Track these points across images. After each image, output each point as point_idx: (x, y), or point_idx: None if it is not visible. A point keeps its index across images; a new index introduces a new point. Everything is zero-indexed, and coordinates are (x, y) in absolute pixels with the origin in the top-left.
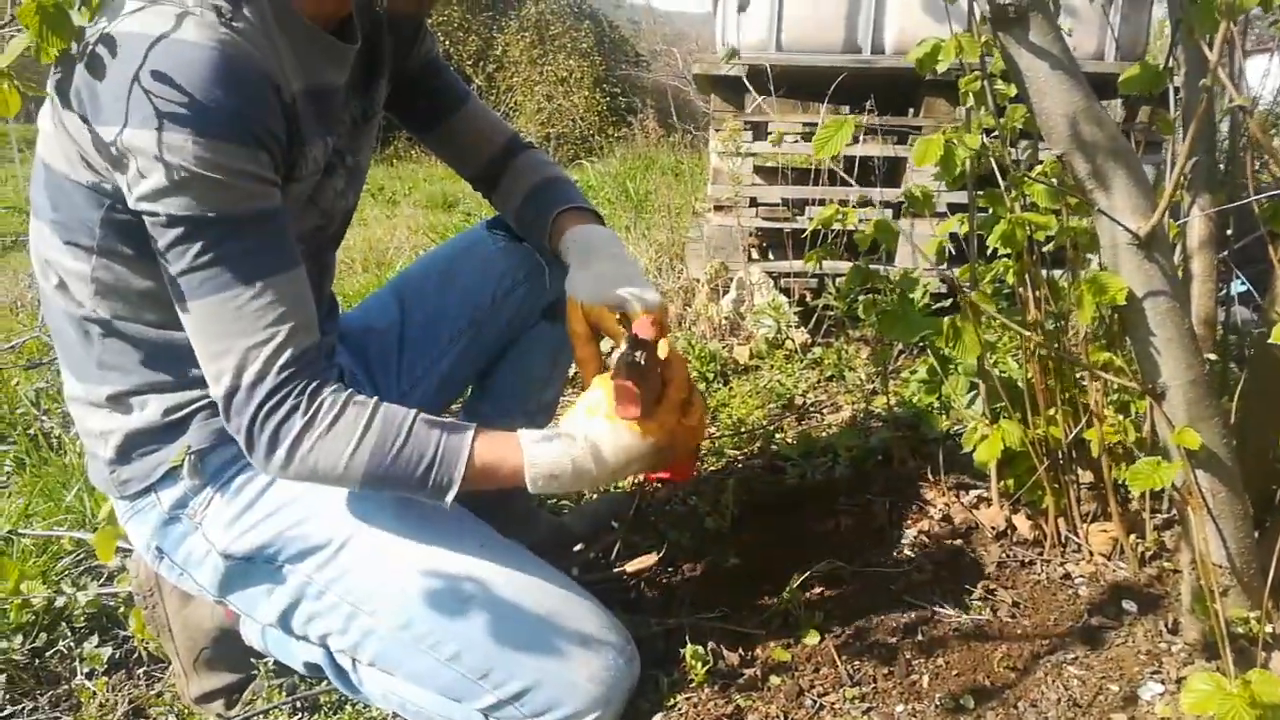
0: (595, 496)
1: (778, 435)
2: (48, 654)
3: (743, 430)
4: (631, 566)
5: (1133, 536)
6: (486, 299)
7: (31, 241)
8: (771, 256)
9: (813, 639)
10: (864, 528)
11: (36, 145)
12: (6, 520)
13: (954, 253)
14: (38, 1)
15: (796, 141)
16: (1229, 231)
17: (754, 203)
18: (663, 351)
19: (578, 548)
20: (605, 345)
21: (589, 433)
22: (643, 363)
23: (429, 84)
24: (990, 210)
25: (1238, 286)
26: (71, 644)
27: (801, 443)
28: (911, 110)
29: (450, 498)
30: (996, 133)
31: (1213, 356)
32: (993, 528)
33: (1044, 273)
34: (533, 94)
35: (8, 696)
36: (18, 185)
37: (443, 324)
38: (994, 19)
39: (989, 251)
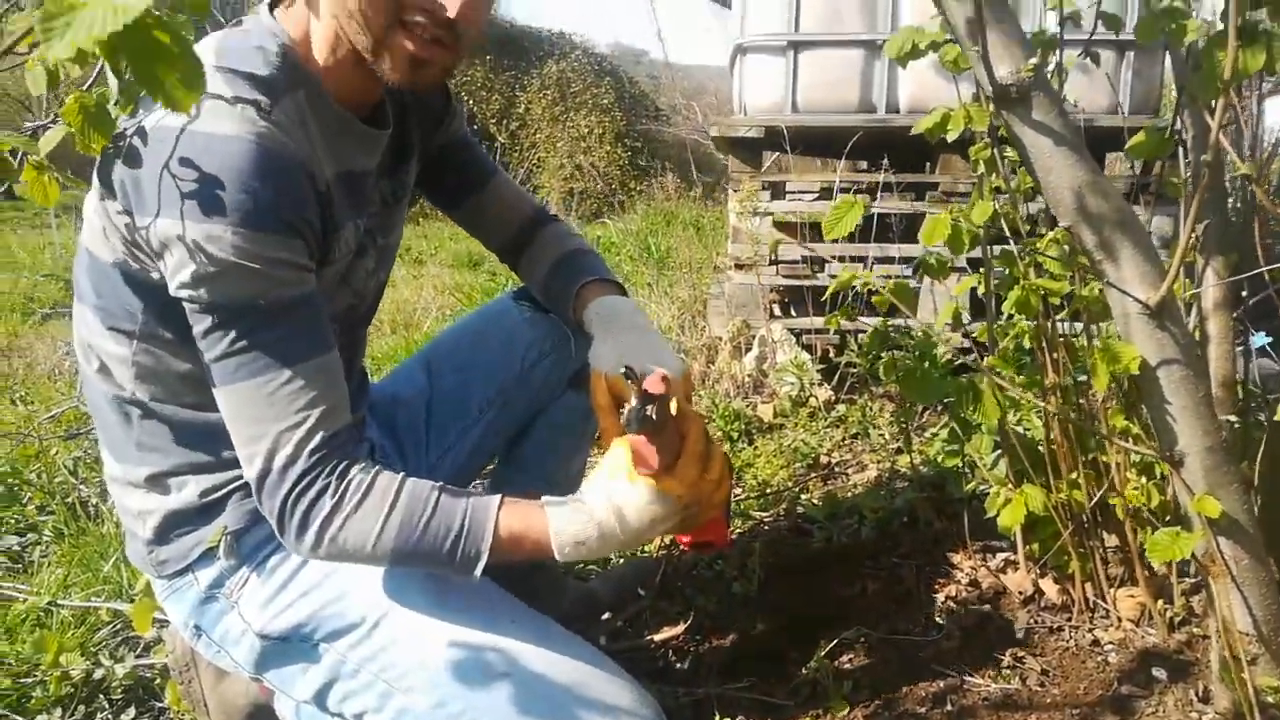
0: (622, 561)
1: (803, 496)
2: None
3: (768, 491)
4: (660, 635)
5: (1160, 602)
6: (514, 369)
7: (75, 325)
8: (793, 313)
9: (842, 710)
10: (891, 592)
11: (81, 232)
12: (46, 591)
13: (975, 305)
14: (80, 101)
15: (816, 198)
16: (1243, 292)
17: (774, 260)
18: (674, 407)
19: (605, 616)
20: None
21: (611, 495)
22: (655, 417)
23: (457, 162)
24: (1007, 270)
25: (1258, 340)
26: (109, 716)
27: (827, 504)
28: (929, 165)
29: (478, 570)
30: (1007, 195)
31: (1233, 418)
32: (1020, 593)
33: (1061, 333)
34: (555, 150)
35: None
36: (55, 252)
37: (471, 395)
38: (997, 98)
39: (1007, 316)
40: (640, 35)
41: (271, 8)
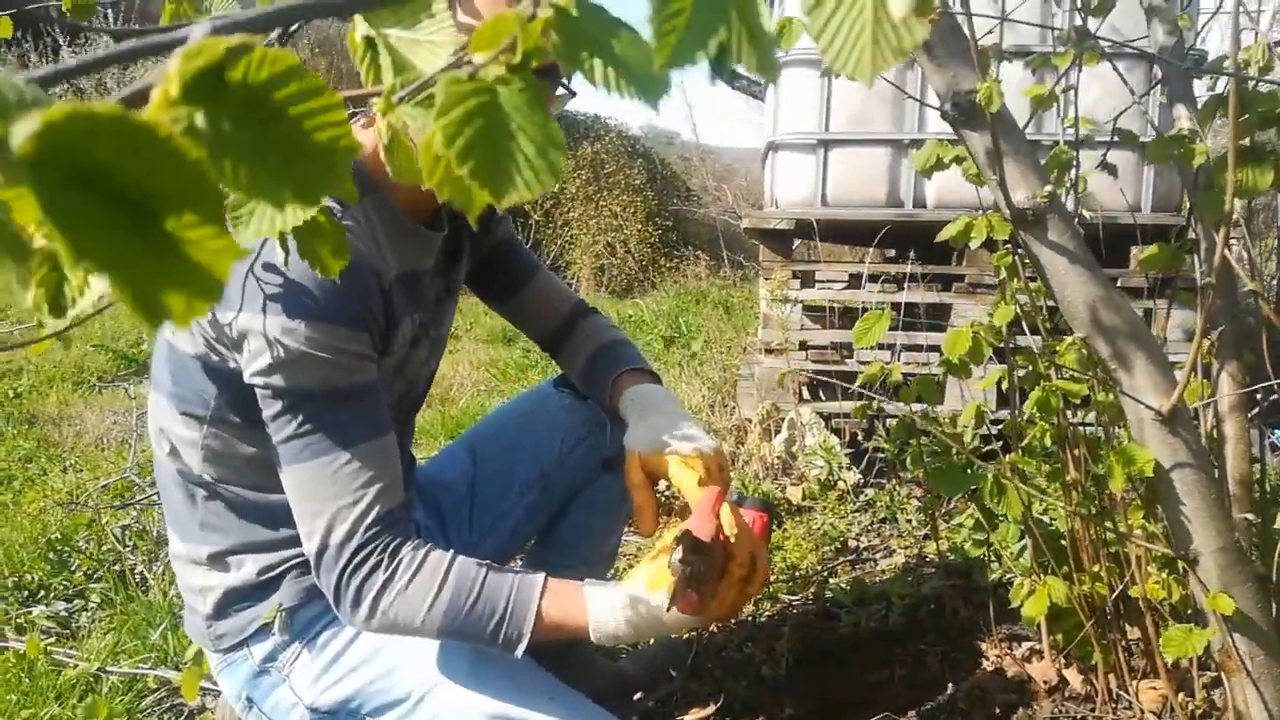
0: (653, 642)
1: (831, 580)
2: None
3: (797, 575)
4: (689, 716)
5: (1182, 695)
6: (554, 453)
7: (150, 412)
8: (823, 396)
9: None
10: (917, 678)
11: (163, 329)
12: (96, 657)
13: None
14: None
15: (844, 286)
16: (1258, 395)
17: (804, 345)
18: (728, 529)
19: (637, 696)
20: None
21: (651, 604)
22: (701, 570)
23: (503, 262)
24: (1029, 367)
25: (1278, 438)
26: None
27: (855, 589)
28: (955, 256)
29: (520, 650)
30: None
31: (1250, 516)
32: (1045, 682)
33: (1083, 430)
34: (588, 228)
35: None
36: (103, 322)
37: (514, 477)
38: (1015, 221)
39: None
40: (672, 118)
41: None
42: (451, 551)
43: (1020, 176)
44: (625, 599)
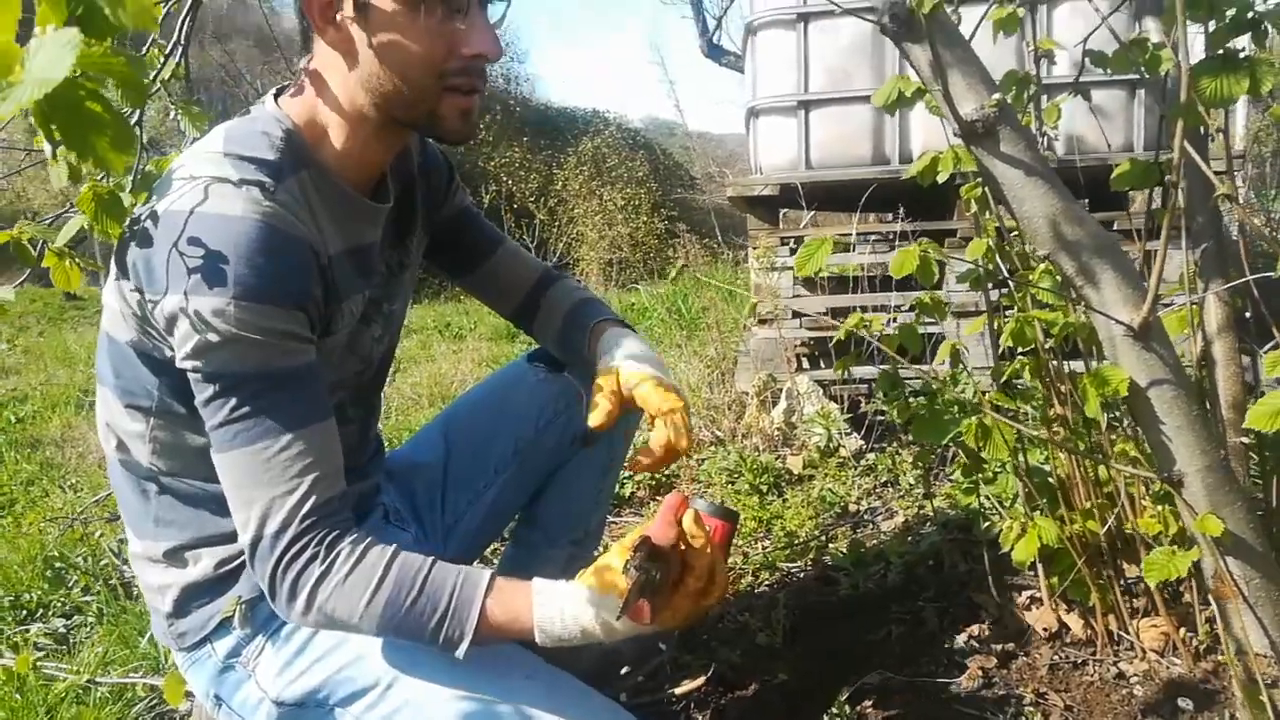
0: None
1: (831, 545)
2: None
3: (795, 543)
4: (680, 689)
5: (1184, 630)
6: (529, 429)
7: (97, 408)
8: (822, 365)
9: None
10: (915, 635)
11: (102, 319)
12: (86, 669)
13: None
14: (94, 190)
15: (834, 251)
16: (1247, 314)
17: (797, 314)
18: (690, 537)
19: (624, 670)
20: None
21: (601, 609)
22: (657, 577)
23: (463, 234)
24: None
25: None
26: None
27: (854, 551)
28: (953, 216)
29: (461, 651)
30: (1015, 232)
31: (1246, 440)
32: (1044, 629)
33: (1065, 366)
34: (593, 223)
35: None
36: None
37: (489, 456)
38: (964, 135)
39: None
40: (674, 108)
41: (276, 96)
42: (395, 546)
43: (967, 88)
44: (574, 602)
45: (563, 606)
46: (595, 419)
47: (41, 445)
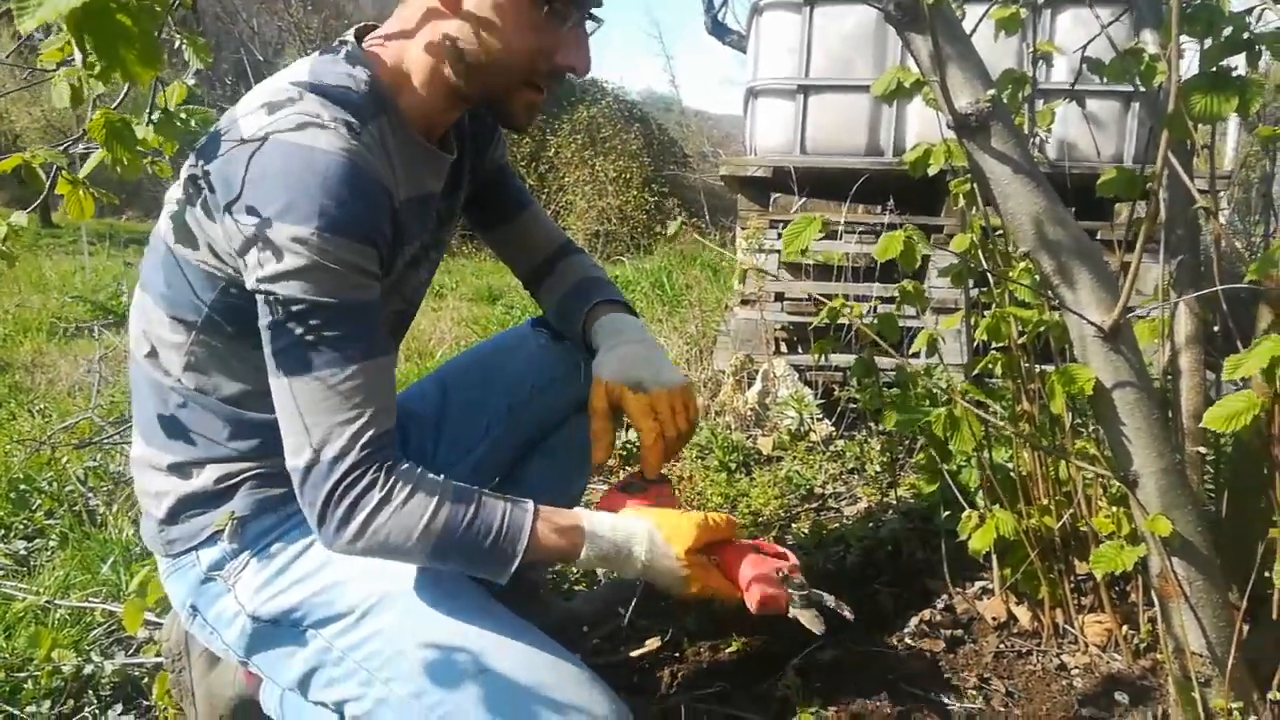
0: (604, 583)
1: (794, 525)
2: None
3: (759, 521)
4: (637, 651)
5: (1126, 628)
6: (525, 391)
7: (133, 314)
8: (800, 350)
9: None
10: (869, 616)
11: (158, 223)
12: (45, 591)
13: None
14: (106, 118)
15: (822, 238)
16: (1215, 328)
17: (780, 297)
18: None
19: (585, 629)
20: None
21: (653, 524)
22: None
23: (498, 189)
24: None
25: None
26: (96, 711)
27: (815, 533)
28: (943, 212)
29: (511, 570)
30: (1000, 231)
31: (1202, 449)
32: (993, 619)
33: (1037, 365)
34: (583, 193)
35: None
36: (85, 277)
37: (482, 413)
38: (957, 127)
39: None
40: (670, 84)
41: (359, 37)
42: (444, 476)
43: (964, 82)
44: (626, 526)
45: (614, 521)
46: (598, 455)
47: (11, 369)
